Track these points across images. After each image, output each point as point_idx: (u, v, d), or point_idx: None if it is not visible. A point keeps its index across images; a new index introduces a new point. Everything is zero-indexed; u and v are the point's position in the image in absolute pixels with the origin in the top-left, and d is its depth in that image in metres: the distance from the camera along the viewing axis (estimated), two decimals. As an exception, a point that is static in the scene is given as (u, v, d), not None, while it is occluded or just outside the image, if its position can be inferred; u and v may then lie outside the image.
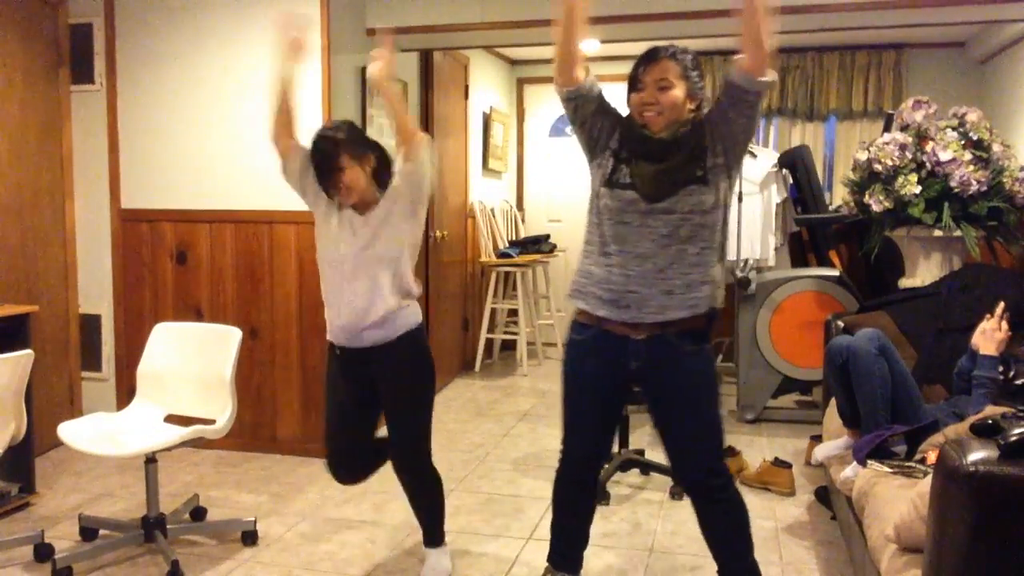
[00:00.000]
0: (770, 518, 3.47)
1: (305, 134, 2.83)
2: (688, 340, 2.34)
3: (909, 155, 4.17)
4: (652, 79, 2.28)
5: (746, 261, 5.39)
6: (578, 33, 2.29)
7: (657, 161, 2.31)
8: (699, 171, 2.30)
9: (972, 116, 4.20)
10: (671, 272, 2.31)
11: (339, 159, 2.66)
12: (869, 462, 2.65)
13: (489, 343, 6.65)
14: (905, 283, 4.40)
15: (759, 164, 5.82)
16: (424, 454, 2.89)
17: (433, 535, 2.98)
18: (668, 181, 2.29)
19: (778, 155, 5.90)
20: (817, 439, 3.79)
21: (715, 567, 2.53)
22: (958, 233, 4.08)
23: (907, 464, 2.58)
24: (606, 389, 2.46)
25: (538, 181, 7.47)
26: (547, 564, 2.66)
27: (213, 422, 3.08)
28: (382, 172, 2.79)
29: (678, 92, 2.28)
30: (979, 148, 4.11)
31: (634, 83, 2.33)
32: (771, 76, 2.21)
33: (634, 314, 2.33)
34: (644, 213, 2.30)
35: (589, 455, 2.56)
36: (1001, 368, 2.98)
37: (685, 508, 3.58)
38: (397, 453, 2.88)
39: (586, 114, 2.38)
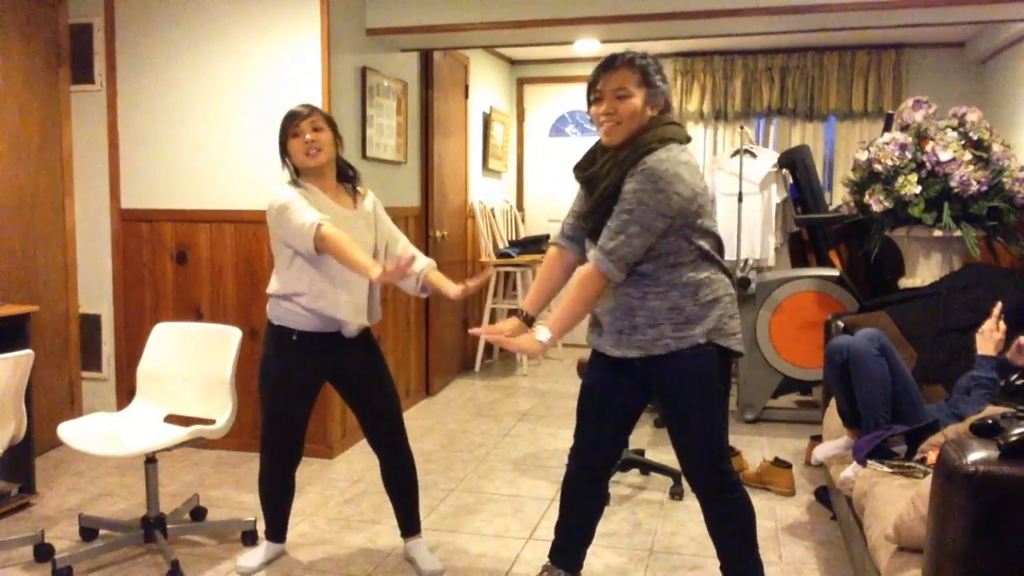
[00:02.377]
0: (770, 518, 3.47)
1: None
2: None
3: (909, 155, 4.17)
4: (610, 88, 2.26)
5: (746, 261, 5.40)
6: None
7: (590, 194, 2.34)
8: None
9: (972, 116, 4.20)
10: (618, 313, 2.35)
11: (317, 117, 2.78)
12: (869, 462, 2.65)
13: (489, 343, 6.65)
14: (905, 283, 4.40)
15: (759, 164, 5.83)
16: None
17: (415, 521, 3.06)
18: (593, 216, 2.31)
19: (778, 155, 5.90)
20: (817, 439, 3.79)
21: (716, 567, 2.53)
22: (958, 233, 4.08)
23: (907, 464, 2.58)
24: (612, 389, 2.47)
25: (538, 181, 7.47)
26: (547, 560, 2.66)
27: (213, 422, 3.08)
28: (344, 168, 2.91)
29: (636, 100, 2.26)
30: (979, 148, 4.11)
31: (592, 92, 2.31)
32: None
33: (596, 341, 2.44)
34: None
35: (594, 454, 2.55)
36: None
37: (685, 508, 3.59)
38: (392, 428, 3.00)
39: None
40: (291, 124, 2.77)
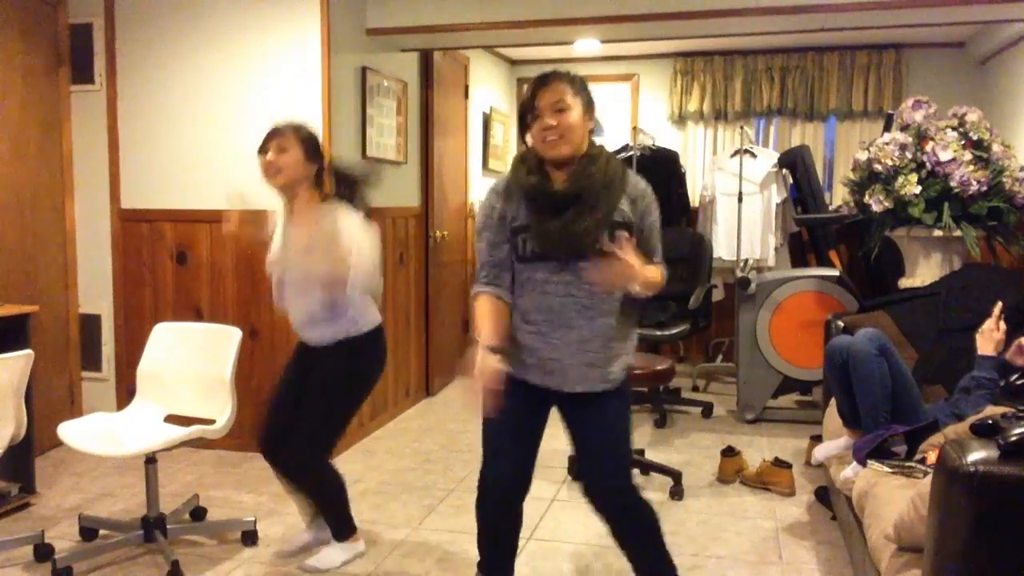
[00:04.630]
0: (770, 518, 3.47)
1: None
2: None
3: (909, 155, 4.17)
4: (548, 103, 2.23)
5: (746, 261, 5.40)
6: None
7: (559, 212, 2.22)
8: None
9: (972, 116, 4.20)
10: (594, 344, 2.28)
11: (287, 137, 2.77)
12: (869, 462, 2.65)
13: (489, 343, 6.64)
14: (905, 283, 4.40)
15: (759, 164, 5.83)
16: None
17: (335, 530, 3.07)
18: (571, 236, 2.21)
19: (778, 155, 5.90)
20: (817, 439, 3.79)
21: (716, 567, 2.53)
22: (958, 233, 4.08)
23: (907, 464, 2.58)
24: (525, 418, 2.46)
25: (538, 181, 7.46)
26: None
27: (213, 422, 3.08)
28: (340, 180, 2.91)
29: (576, 112, 2.23)
30: (979, 148, 4.11)
31: (531, 111, 2.26)
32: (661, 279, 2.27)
33: (558, 381, 2.34)
34: (567, 283, 2.25)
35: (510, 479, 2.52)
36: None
37: (685, 508, 3.59)
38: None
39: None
40: (264, 141, 2.82)
